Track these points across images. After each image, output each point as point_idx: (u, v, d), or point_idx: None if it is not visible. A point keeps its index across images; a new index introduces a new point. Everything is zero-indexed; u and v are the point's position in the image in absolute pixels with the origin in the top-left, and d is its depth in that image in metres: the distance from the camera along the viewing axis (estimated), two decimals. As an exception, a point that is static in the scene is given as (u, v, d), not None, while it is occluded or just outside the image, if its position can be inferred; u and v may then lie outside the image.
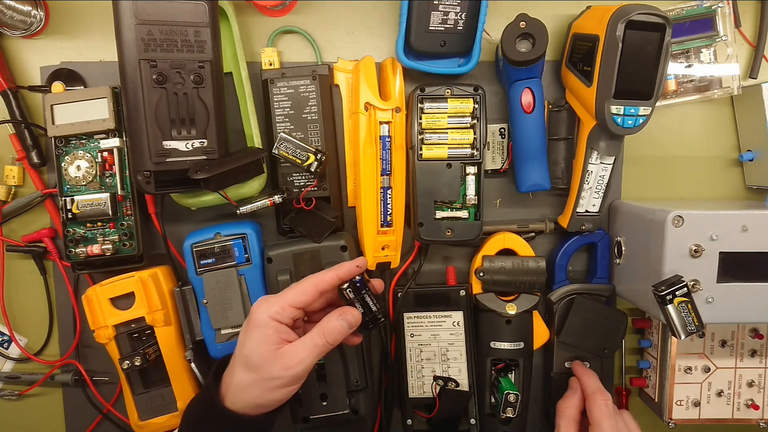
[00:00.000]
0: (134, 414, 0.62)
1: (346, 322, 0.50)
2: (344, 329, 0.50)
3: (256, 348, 0.48)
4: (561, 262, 0.67)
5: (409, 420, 0.67)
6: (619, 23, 0.54)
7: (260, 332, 0.48)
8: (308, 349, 0.49)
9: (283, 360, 0.48)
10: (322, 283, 0.51)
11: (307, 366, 0.48)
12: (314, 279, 0.51)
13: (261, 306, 0.50)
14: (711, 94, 0.66)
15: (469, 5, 0.60)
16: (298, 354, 0.48)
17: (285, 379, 0.48)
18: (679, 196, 0.70)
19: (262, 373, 0.48)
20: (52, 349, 0.68)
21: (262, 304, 0.50)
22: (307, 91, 0.63)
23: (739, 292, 0.56)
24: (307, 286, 0.50)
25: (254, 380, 0.48)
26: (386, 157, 0.60)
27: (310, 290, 0.50)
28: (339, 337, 0.50)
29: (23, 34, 0.63)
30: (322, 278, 0.51)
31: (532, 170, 0.63)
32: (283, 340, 0.49)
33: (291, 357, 0.48)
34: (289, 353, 0.48)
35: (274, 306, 0.49)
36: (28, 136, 0.64)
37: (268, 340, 0.48)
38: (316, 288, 0.50)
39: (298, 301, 0.50)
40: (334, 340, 0.50)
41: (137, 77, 0.53)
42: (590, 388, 0.59)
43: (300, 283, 0.51)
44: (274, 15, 0.65)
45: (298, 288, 0.50)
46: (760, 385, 0.66)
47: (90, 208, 0.60)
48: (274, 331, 0.48)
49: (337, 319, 0.50)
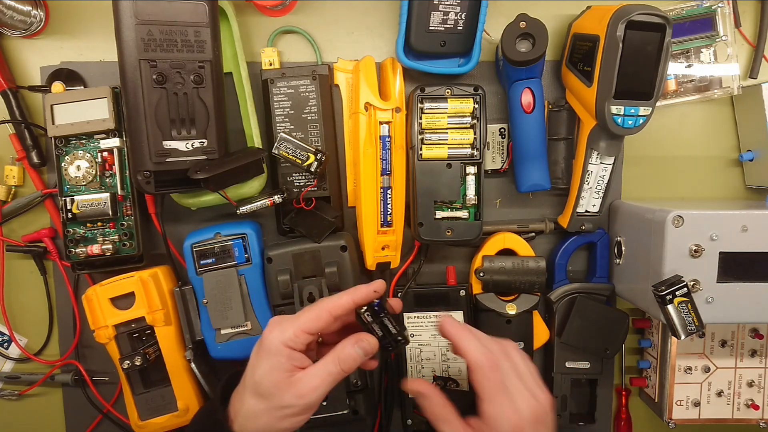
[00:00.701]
0: (134, 414, 0.62)
1: (362, 350, 0.48)
2: (360, 357, 0.48)
3: (268, 375, 0.46)
4: (560, 261, 0.67)
5: (409, 420, 0.67)
6: (619, 23, 0.54)
7: (273, 360, 0.46)
8: (322, 376, 0.46)
9: (296, 388, 0.46)
10: (337, 308, 0.48)
11: (320, 394, 0.46)
12: (328, 304, 0.48)
13: (273, 331, 0.47)
14: (711, 94, 0.66)
15: (469, 5, 0.60)
16: (312, 382, 0.46)
17: (297, 408, 0.46)
18: (679, 196, 0.70)
19: (274, 402, 0.46)
20: (52, 349, 0.68)
21: (275, 328, 0.48)
22: (307, 91, 0.63)
23: (739, 292, 0.56)
24: (321, 311, 0.48)
25: (265, 408, 0.46)
26: (386, 157, 0.60)
27: (324, 316, 0.48)
28: (354, 365, 0.48)
29: (23, 34, 0.63)
30: (336, 303, 0.48)
31: (532, 170, 0.63)
32: (296, 368, 0.47)
33: (304, 385, 0.46)
34: (303, 381, 0.46)
35: (287, 332, 0.47)
36: (28, 136, 0.64)
37: (280, 367, 0.46)
38: (330, 314, 0.48)
39: (311, 326, 0.47)
40: (349, 368, 0.47)
41: (137, 77, 0.53)
42: (475, 359, 0.47)
43: (314, 307, 0.49)
44: (274, 15, 0.65)
45: (312, 313, 0.48)
46: (760, 385, 0.66)
47: (90, 208, 0.60)
48: (286, 359, 0.46)
49: (353, 347, 0.48)
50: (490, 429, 0.46)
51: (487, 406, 0.46)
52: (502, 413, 0.45)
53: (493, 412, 0.45)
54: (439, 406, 0.50)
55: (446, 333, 0.49)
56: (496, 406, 0.45)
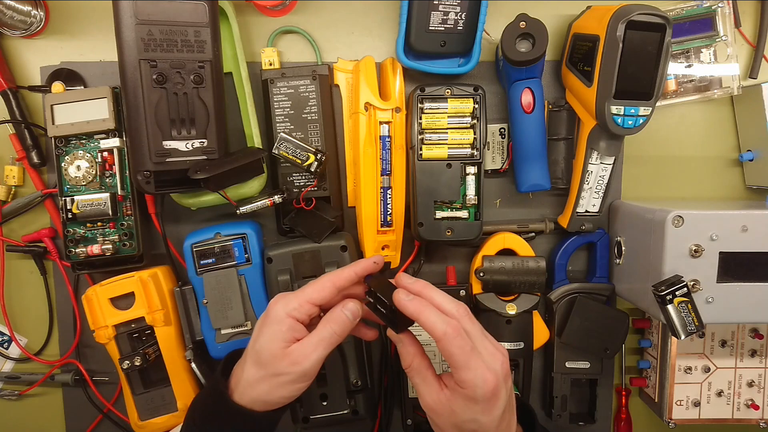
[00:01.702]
0: (134, 414, 0.62)
1: (350, 311, 0.50)
2: (348, 319, 0.50)
3: (268, 344, 0.48)
4: (560, 261, 0.67)
5: (409, 420, 0.67)
6: (619, 23, 0.54)
7: (275, 328, 0.49)
8: (315, 343, 0.49)
9: (291, 357, 0.48)
10: (340, 280, 0.51)
11: (313, 361, 0.48)
12: (332, 276, 0.51)
13: (279, 302, 0.50)
14: (711, 94, 0.66)
15: (469, 5, 0.60)
16: (306, 350, 0.48)
17: (293, 375, 0.48)
18: (679, 196, 0.70)
19: (270, 370, 0.48)
20: (52, 349, 0.68)
21: (280, 299, 0.50)
22: (307, 91, 0.63)
23: (739, 292, 0.56)
24: (324, 282, 0.51)
25: (263, 376, 0.48)
26: (386, 157, 0.60)
27: (327, 286, 0.50)
28: (344, 327, 0.50)
29: (23, 34, 0.63)
30: (339, 275, 0.51)
31: (532, 170, 0.63)
32: (295, 339, 0.49)
33: (299, 353, 0.48)
34: (297, 350, 0.48)
35: (291, 302, 0.49)
36: (28, 136, 0.64)
37: (281, 336, 0.48)
38: (333, 284, 0.50)
39: (316, 297, 0.50)
40: (341, 330, 0.49)
41: (137, 77, 0.53)
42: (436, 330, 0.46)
43: (318, 280, 0.51)
44: (274, 15, 0.65)
45: (316, 285, 0.50)
46: (760, 385, 0.66)
47: (90, 208, 0.60)
48: (288, 328, 0.48)
49: (340, 310, 0.50)
50: (467, 393, 0.45)
51: (464, 373, 0.45)
52: (481, 376, 0.45)
53: (471, 377, 0.45)
54: (412, 355, 0.50)
55: (404, 310, 0.48)
56: (471, 371, 0.45)
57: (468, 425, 0.46)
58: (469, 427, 0.46)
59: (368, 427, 0.68)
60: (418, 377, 0.49)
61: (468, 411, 0.46)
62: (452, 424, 0.47)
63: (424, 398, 0.49)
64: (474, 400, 0.45)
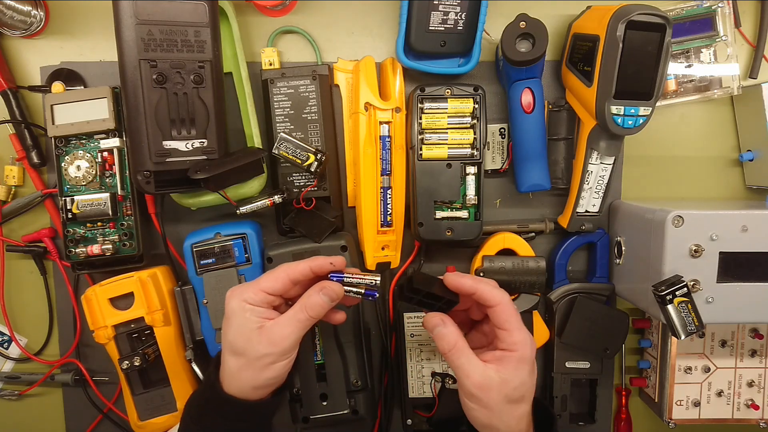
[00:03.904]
0: (134, 414, 0.62)
1: (327, 296, 0.50)
2: (325, 303, 0.50)
3: (238, 333, 0.49)
4: (560, 261, 0.67)
5: (409, 420, 0.67)
6: (619, 23, 0.54)
7: (238, 318, 0.49)
8: (292, 323, 0.49)
9: (267, 336, 0.48)
10: (295, 273, 0.50)
11: (293, 341, 0.49)
12: (287, 268, 0.51)
13: (233, 295, 0.50)
14: (711, 94, 0.66)
15: (469, 5, 0.60)
16: (283, 329, 0.49)
17: (273, 356, 0.48)
18: (679, 196, 0.70)
19: (250, 354, 0.48)
20: (52, 349, 0.68)
21: (234, 292, 0.50)
22: (307, 91, 0.63)
23: (739, 292, 0.56)
24: (279, 273, 0.50)
25: (244, 363, 0.49)
26: (386, 157, 0.60)
27: (282, 277, 0.50)
28: (321, 311, 0.50)
29: (23, 34, 0.63)
30: (295, 268, 0.51)
31: (532, 170, 0.63)
32: (264, 319, 0.49)
33: (275, 332, 0.48)
34: (273, 329, 0.49)
35: (246, 292, 0.50)
36: (28, 136, 0.64)
37: (247, 323, 0.49)
38: (288, 276, 0.50)
39: (269, 287, 0.50)
40: (316, 314, 0.50)
41: (137, 77, 0.53)
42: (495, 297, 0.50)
43: (274, 271, 0.51)
44: (274, 15, 0.65)
45: (271, 275, 0.51)
46: (760, 385, 0.66)
47: (90, 208, 0.60)
48: (251, 313, 0.49)
49: (318, 294, 0.50)
50: (518, 355, 0.49)
51: (516, 334, 0.50)
52: (527, 338, 0.50)
53: (522, 338, 0.50)
54: (456, 335, 0.51)
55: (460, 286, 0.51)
56: (522, 333, 0.50)
57: (517, 392, 0.49)
58: (518, 393, 0.49)
59: (368, 427, 0.68)
60: (463, 357, 0.50)
61: (518, 374, 0.49)
62: (504, 395, 0.48)
63: (472, 377, 0.49)
64: (524, 360, 0.49)
